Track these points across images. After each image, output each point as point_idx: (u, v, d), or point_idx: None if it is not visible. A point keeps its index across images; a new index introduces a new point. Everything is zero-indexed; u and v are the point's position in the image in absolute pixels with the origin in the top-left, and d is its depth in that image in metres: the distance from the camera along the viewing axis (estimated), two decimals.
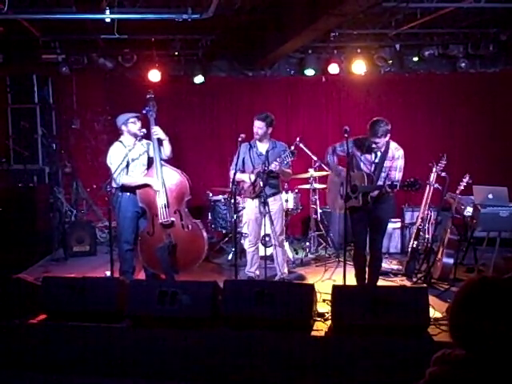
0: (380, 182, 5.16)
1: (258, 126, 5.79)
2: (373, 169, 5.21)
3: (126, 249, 5.80)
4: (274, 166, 5.67)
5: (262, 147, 5.92)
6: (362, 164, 5.27)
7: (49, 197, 8.12)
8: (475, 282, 1.72)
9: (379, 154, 5.18)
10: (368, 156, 5.23)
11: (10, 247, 6.80)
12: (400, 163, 5.16)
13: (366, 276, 5.51)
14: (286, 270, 6.20)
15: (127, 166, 5.66)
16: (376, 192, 5.12)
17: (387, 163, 5.17)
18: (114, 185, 5.66)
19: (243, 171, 5.92)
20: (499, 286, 1.66)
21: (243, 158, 5.91)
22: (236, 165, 5.81)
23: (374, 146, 5.09)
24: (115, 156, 5.64)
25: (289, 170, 5.98)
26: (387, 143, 5.15)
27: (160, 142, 5.72)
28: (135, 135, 5.66)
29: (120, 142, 5.76)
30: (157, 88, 6.26)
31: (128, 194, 5.73)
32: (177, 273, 5.66)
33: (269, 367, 4.02)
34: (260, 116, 5.80)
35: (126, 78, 8.39)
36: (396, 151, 5.18)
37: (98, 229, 8.34)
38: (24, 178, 7.75)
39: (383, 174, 5.17)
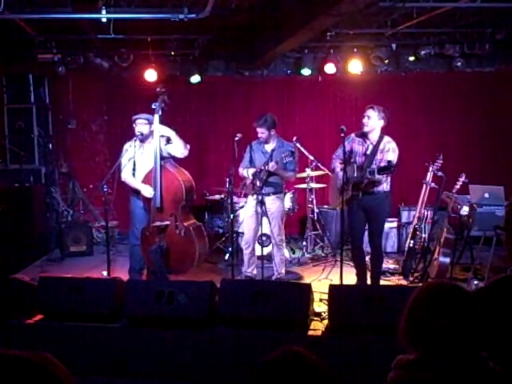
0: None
1: (261, 132, 5.91)
2: (364, 160, 5.30)
3: (133, 244, 5.81)
4: (271, 167, 5.71)
5: (269, 146, 6.03)
6: (357, 157, 5.37)
7: (45, 197, 8.10)
8: (430, 286, 1.93)
9: (371, 146, 5.29)
10: (360, 148, 5.33)
11: (6, 247, 6.78)
12: (391, 156, 5.17)
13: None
14: (283, 270, 6.19)
15: (134, 167, 5.65)
16: (365, 182, 5.12)
17: (378, 156, 5.26)
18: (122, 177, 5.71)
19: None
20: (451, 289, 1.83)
21: (250, 156, 6.06)
22: (241, 162, 6.03)
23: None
24: (125, 152, 5.69)
25: (290, 173, 6.00)
26: (380, 137, 5.26)
27: (168, 140, 5.64)
28: (136, 136, 5.67)
29: (134, 140, 5.73)
30: (153, 88, 6.24)
31: None
32: (169, 273, 5.63)
33: None
34: (259, 123, 5.86)
35: (122, 77, 8.39)
36: (388, 144, 5.27)
37: (95, 229, 8.32)
38: (20, 178, 7.71)
39: (374, 167, 5.11)
